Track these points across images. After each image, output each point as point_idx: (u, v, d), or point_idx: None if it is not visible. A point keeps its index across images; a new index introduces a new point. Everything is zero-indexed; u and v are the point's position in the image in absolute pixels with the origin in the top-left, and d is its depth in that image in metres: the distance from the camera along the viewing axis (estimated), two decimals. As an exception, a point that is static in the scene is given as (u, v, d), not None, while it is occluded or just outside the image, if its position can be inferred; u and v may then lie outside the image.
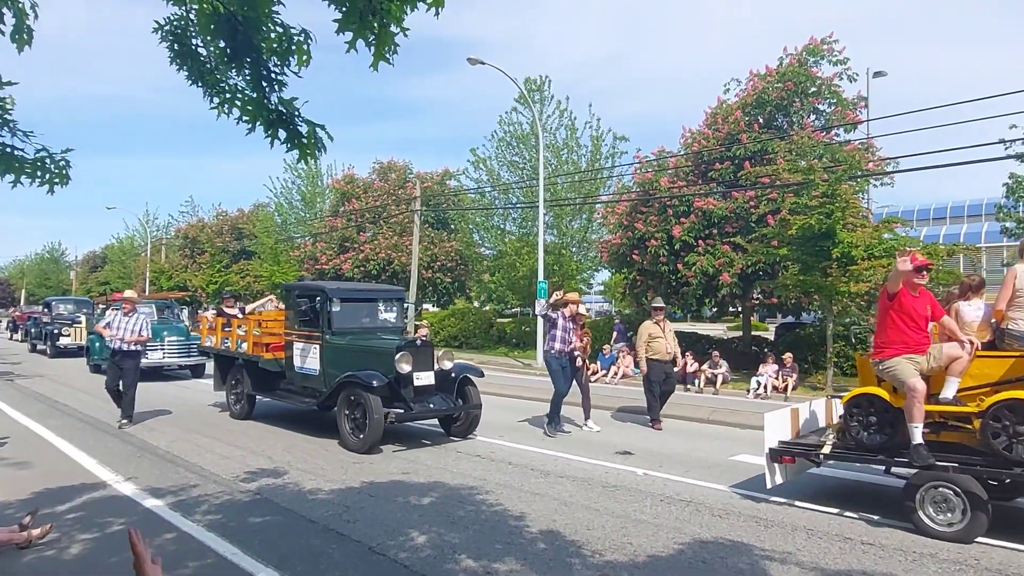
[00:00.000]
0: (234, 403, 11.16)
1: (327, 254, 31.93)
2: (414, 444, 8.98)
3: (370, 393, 8.31)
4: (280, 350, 10.45)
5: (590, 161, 27.28)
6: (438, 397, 9.13)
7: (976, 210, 49.45)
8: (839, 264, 14.26)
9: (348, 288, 10.72)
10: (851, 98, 18.74)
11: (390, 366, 8.65)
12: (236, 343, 11.19)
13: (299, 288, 10.63)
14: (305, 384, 9.99)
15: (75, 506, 6.00)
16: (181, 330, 17.59)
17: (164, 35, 3.65)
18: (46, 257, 70.12)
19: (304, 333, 9.85)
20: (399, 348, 8.82)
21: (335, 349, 9.42)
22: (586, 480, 7.19)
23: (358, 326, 9.95)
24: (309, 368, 9.75)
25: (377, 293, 11.01)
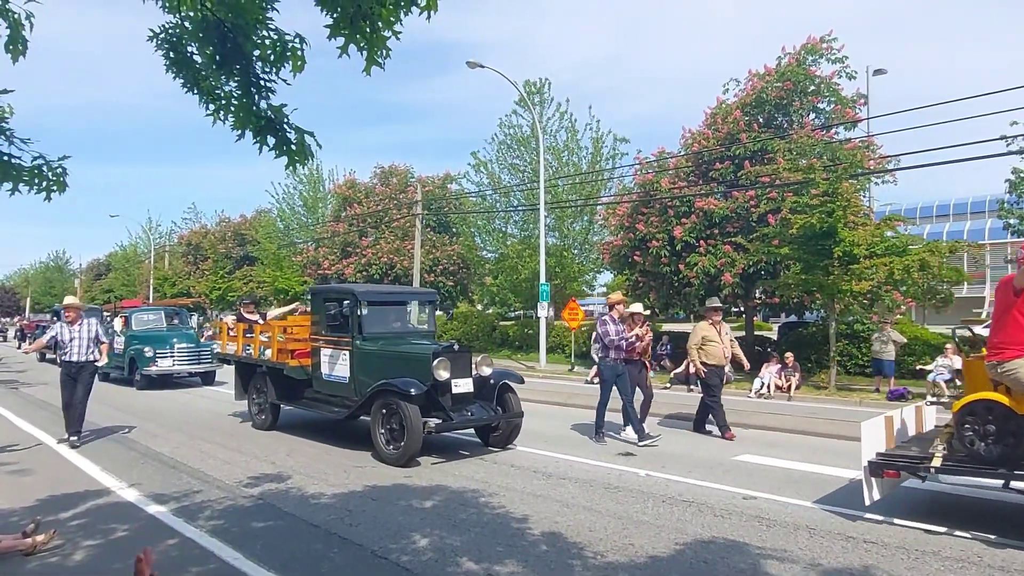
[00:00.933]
0: (256, 413, 10.65)
1: (329, 259, 32.01)
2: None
3: (407, 402, 7.82)
4: (306, 357, 9.95)
5: (591, 163, 27.29)
6: (477, 405, 8.58)
7: (979, 207, 49.38)
8: (841, 263, 14.25)
9: (378, 290, 10.16)
10: (850, 96, 18.74)
11: (426, 373, 8.14)
12: (259, 350, 10.61)
13: (326, 291, 10.08)
14: (333, 392, 9.48)
15: (79, 513, 6.01)
16: (191, 336, 17.45)
17: (159, 43, 3.67)
18: (50, 265, 70.35)
19: (332, 339, 9.34)
20: (436, 353, 8.30)
21: (366, 355, 8.94)
22: (588, 482, 7.18)
23: (389, 330, 9.49)
24: (338, 376, 9.25)
25: (408, 295, 10.59)
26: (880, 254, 14.24)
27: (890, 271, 13.71)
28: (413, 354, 8.63)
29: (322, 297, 9.73)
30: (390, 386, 8.09)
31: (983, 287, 42.22)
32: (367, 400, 8.45)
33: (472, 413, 8.49)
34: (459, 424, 8.41)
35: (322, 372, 9.52)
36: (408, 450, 7.76)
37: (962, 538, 5.37)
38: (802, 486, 7.05)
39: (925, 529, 5.57)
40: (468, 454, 8.60)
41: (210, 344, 17.80)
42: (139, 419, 11.46)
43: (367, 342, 9.01)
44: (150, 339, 16.48)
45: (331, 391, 9.52)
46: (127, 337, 17.06)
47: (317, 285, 11.86)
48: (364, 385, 8.70)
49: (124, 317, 18.36)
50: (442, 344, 8.85)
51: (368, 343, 9.01)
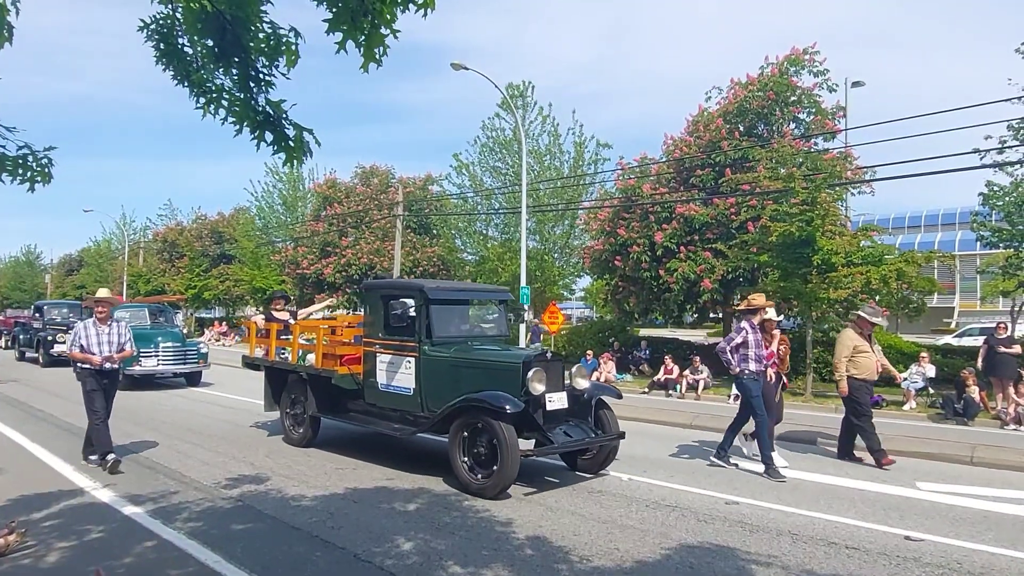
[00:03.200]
0: (292, 427, 9.27)
1: (308, 258, 31.74)
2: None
3: (502, 421, 6.60)
4: (356, 363, 8.62)
5: (573, 167, 27.37)
6: (573, 425, 7.36)
7: (950, 219, 50.39)
8: (819, 271, 14.43)
9: (449, 287, 8.93)
10: (830, 108, 19.01)
11: (515, 385, 6.93)
12: (298, 355, 9.39)
13: (386, 288, 8.75)
14: (392, 406, 8.17)
15: (52, 513, 5.87)
16: (176, 335, 16.67)
17: (149, 34, 3.60)
18: (21, 260, 68.84)
19: (393, 343, 8.05)
20: (528, 362, 7.07)
21: (436, 363, 7.65)
22: (571, 486, 7.17)
23: (460, 334, 8.32)
24: (399, 386, 7.95)
25: (481, 293, 9.39)
26: (857, 263, 14.45)
27: (867, 280, 13.91)
28: (499, 362, 7.36)
29: (379, 294, 8.42)
30: (477, 401, 6.83)
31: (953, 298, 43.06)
32: (444, 418, 7.22)
33: (571, 434, 7.21)
34: (561, 447, 7.13)
35: (377, 382, 8.22)
36: (502, 479, 6.51)
37: (943, 544, 5.44)
38: (782, 492, 7.11)
39: (906, 536, 5.64)
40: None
41: (196, 343, 17.06)
42: (114, 419, 11.19)
43: (438, 347, 7.74)
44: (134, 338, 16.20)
45: (389, 404, 8.21)
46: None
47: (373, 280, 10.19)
48: (435, 398, 7.56)
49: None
50: (533, 351, 7.74)
51: (439, 349, 7.73)
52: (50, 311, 23.19)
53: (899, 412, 13.35)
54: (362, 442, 9.21)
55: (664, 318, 23.79)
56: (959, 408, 12.40)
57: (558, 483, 7.29)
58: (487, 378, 7.16)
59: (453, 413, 7.09)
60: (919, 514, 6.35)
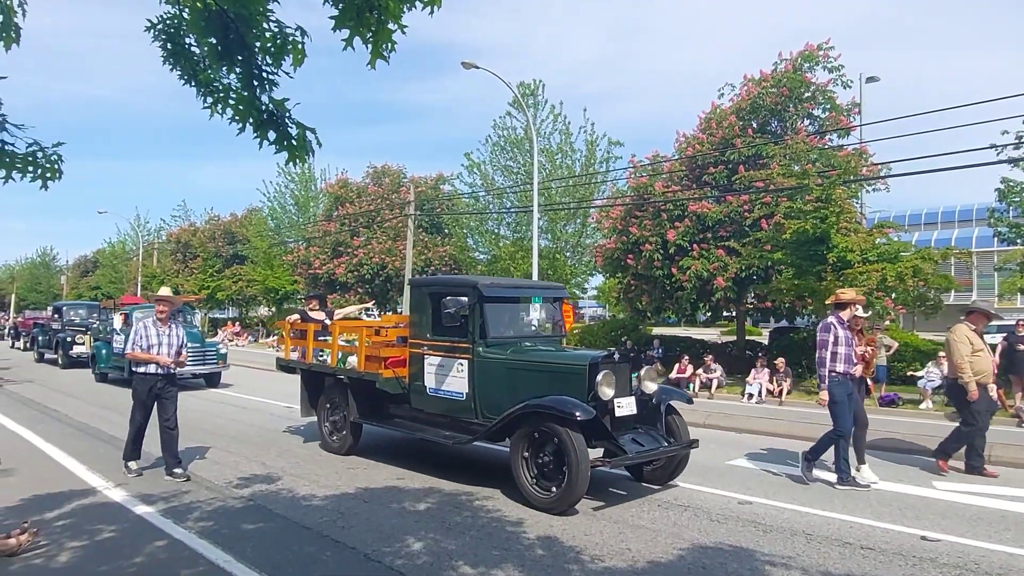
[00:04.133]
0: (331, 433, 8.81)
1: (320, 258, 31.86)
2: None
3: (570, 429, 6.05)
4: (401, 366, 8.09)
5: (584, 165, 27.28)
6: (642, 432, 6.82)
7: (967, 215, 49.81)
8: (834, 268, 14.29)
9: (505, 284, 8.35)
10: (845, 104, 18.82)
11: (580, 390, 6.41)
12: (338, 357, 8.80)
13: (435, 285, 8.15)
14: (442, 412, 7.64)
15: (64, 513, 5.90)
16: (195, 336, 16.27)
17: (157, 34, 3.60)
18: (37, 261, 69.58)
19: (443, 344, 7.52)
20: (595, 364, 6.51)
21: (492, 366, 7.10)
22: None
23: (515, 334, 7.78)
24: (450, 391, 7.41)
25: (535, 291, 8.70)
26: (873, 260, 14.29)
27: (883, 277, 13.76)
28: (563, 365, 6.85)
29: (427, 292, 7.89)
30: (542, 407, 6.29)
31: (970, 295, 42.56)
32: (504, 425, 6.69)
33: (643, 443, 6.66)
34: (636, 457, 6.55)
35: (425, 386, 7.69)
36: (571, 494, 5.99)
37: (960, 544, 5.35)
38: (796, 491, 7.03)
39: (922, 536, 5.55)
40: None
41: (215, 344, 16.96)
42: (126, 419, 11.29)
43: (493, 349, 7.20)
44: None
45: (439, 410, 7.68)
46: (127, 336, 16.45)
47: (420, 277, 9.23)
48: (490, 403, 7.04)
49: (124, 314, 17.16)
50: (600, 352, 6.99)
51: (494, 350, 7.19)
52: (69, 312, 23.04)
53: (916, 411, 13.19)
54: (372, 442, 9.19)
55: (677, 317, 23.67)
56: (977, 407, 12.21)
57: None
58: (549, 382, 6.64)
59: (514, 420, 6.56)
60: (936, 514, 6.25)
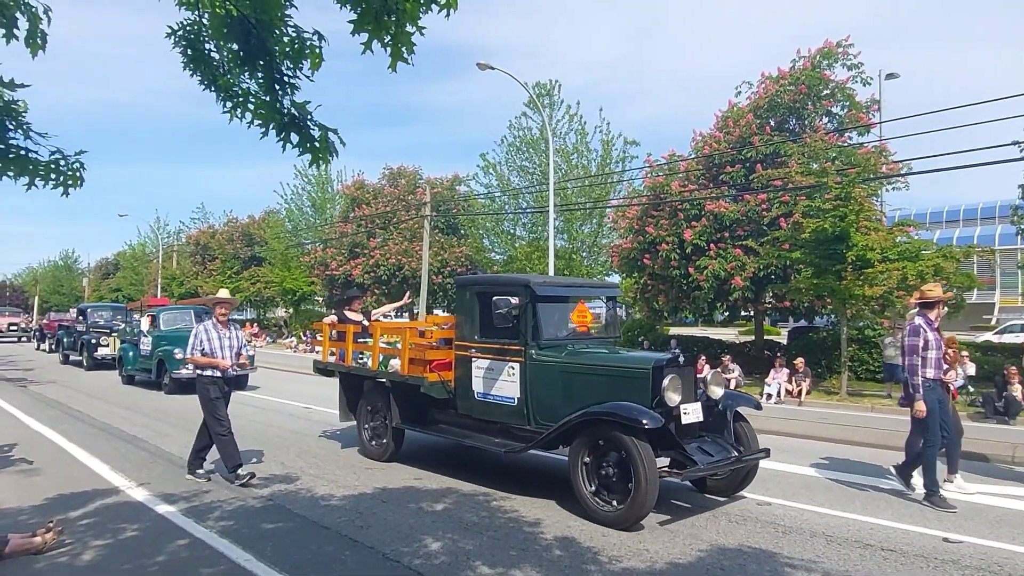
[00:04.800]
0: (372, 439, 8.42)
1: (337, 260, 32.04)
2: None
3: (637, 438, 5.65)
4: (446, 369, 7.68)
5: (600, 165, 27.24)
6: (709, 440, 6.40)
7: (989, 212, 49.14)
8: (854, 267, 14.14)
9: (557, 282, 7.83)
10: (864, 101, 18.63)
11: (643, 395, 6.01)
12: (380, 360, 8.37)
13: (484, 283, 7.73)
14: (490, 417, 7.23)
15: (88, 512, 5.98)
16: None
17: (177, 40, 3.65)
18: (59, 264, 70.64)
19: (492, 347, 7.11)
20: (658, 367, 6.12)
21: (546, 369, 6.69)
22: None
23: (567, 336, 7.42)
24: (500, 395, 7.01)
25: (588, 289, 8.29)
26: (893, 259, 14.13)
27: (904, 276, 13.60)
28: (624, 368, 6.41)
29: (474, 291, 7.46)
30: (606, 414, 5.90)
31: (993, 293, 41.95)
32: (561, 433, 6.29)
33: (712, 452, 6.21)
34: (706, 469, 6.07)
35: (473, 390, 7.29)
36: (638, 507, 5.58)
37: (983, 546, 5.28)
38: (816, 492, 6.98)
39: (944, 537, 5.49)
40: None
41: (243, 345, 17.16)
42: (150, 419, 11.46)
43: (546, 351, 6.80)
44: (180, 340, 14.38)
45: (487, 415, 7.27)
46: (154, 338, 16.01)
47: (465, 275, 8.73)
48: (544, 409, 6.67)
49: (151, 316, 17.15)
50: (664, 354, 6.69)
51: (548, 352, 6.78)
52: (93, 314, 22.97)
53: (937, 411, 13.02)
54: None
55: (694, 316, 23.54)
56: (1000, 407, 12.07)
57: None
58: (609, 386, 6.25)
59: (573, 428, 6.16)
60: (958, 515, 6.17)
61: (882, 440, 9.76)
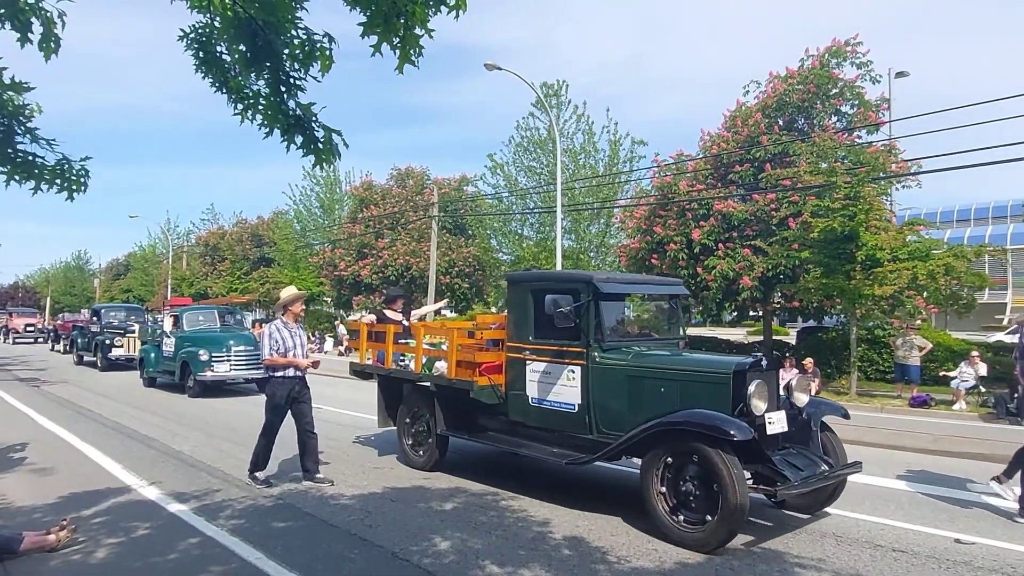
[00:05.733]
0: (415, 447, 7.94)
1: (346, 260, 32.14)
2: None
3: (722, 451, 5.08)
4: (496, 373, 7.18)
5: (608, 165, 27.21)
6: (795, 453, 5.83)
7: (1001, 211, 48.70)
8: (863, 267, 14.08)
9: (621, 279, 7.36)
10: (873, 100, 18.55)
11: (722, 402, 5.47)
12: (423, 362, 7.90)
13: (540, 280, 7.30)
14: (547, 425, 6.70)
15: (100, 511, 6.04)
16: (248, 338, 15.34)
17: (189, 43, 3.69)
18: (71, 265, 71.15)
19: (549, 348, 6.60)
20: (741, 372, 5.55)
21: (610, 373, 6.17)
22: (605, 486, 7.13)
23: (631, 337, 7.02)
24: (558, 402, 6.49)
25: (657, 286, 7.78)
26: (903, 258, 14.06)
27: (914, 275, 13.54)
28: (702, 372, 5.86)
29: (528, 288, 6.96)
30: (687, 424, 5.36)
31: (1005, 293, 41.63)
32: (632, 445, 5.79)
33: (801, 467, 5.62)
34: (802, 485, 5.44)
35: (528, 395, 6.78)
36: (724, 528, 5.01)
37: (995, 548, 5.26)
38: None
39: (956, 539, 5.46)
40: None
41: None
42: (160, 419, 11.54)
43: (610, 353, 6.27)
44: (204, 341, 14.73)
45: (542, 423, 6.74)
46: (178, 339, 15.35)
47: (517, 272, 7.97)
48: (609, 417, 6.17)
49: (174, 316, 16.39)
50: (745, 357, 5.88)
51: (613, 355, 6.25)
52: (107, 315, 22.82)
53: (948, 412, 12.96)
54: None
55: (702, 317, 23.44)
56: (1012, 407, 11.99)
57: (595, 483, 7.25)
58: (683, 392, 5.73)
59: (647, 439, 5.61)
60: (970, 516, 6.15)
61: (890, 440, 9.73)
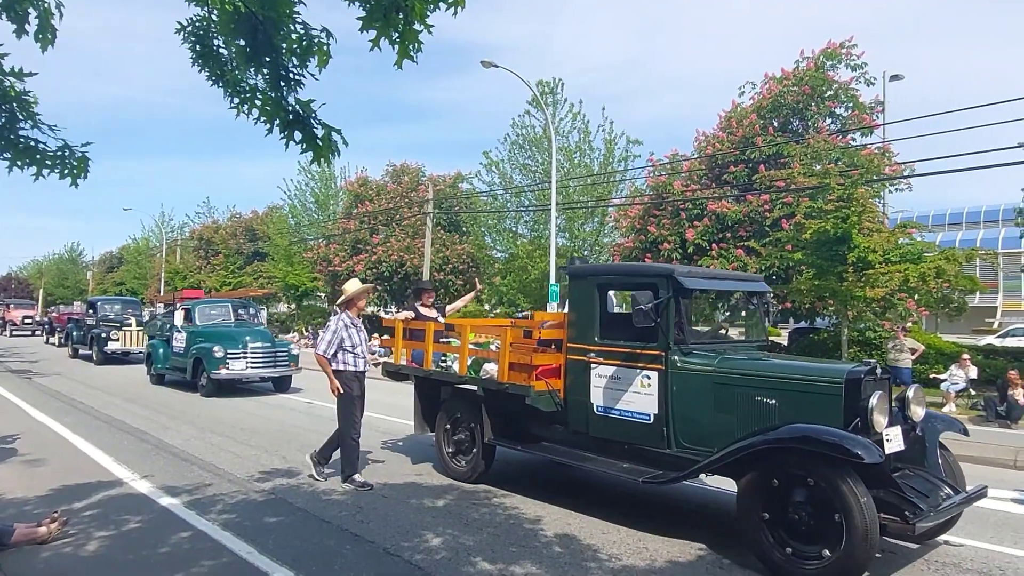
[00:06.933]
0: (455, 456, 7.24)
1: (340, 256, 32.10)
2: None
3: (847, 476, 4.37)
4: (554, 377, 6.46)
5: (603, 164, 27.25)
6: (912, 475, 5.07)
7: (993, 215, 48.98)
8: (855, 269, 14.15)
9: (704, 274, 6.69)
10: (868, 102, 18.64)
11: (832, 415, 4.76)
12: (470, 364, 6.99)
13: (608, 273, 6.76)
14: (614, 436, 5.98)
15: (92, 503, 6.03)
16: (265, 335, 14.69)
17: (186, 36, 3.68)
18: (64, 257, 70.77)
19: (619, 350, 5.94)
20: (856, 380, 4.83)
21: (694, 379, 5.49)
22: (596, 485, 7.14)
23: (712, 338, 6.51)
24: (630, 411, 5.81)
25: (735, 282, 6.90)
26: (895, 261, 14.14)
27: (905, 278, 13.61)
28: (807, 380, 5.10)
29: (594, 283, 6.27)
30: (801, 441, 4.60)
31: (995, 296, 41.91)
32: (724, 464, 5.06)
33: (921, 489, 4.86)
34: (938, 515, 4.70)
35: (592, 403, 6.09)
36: (853, 566, 4.34)
37: (984, 550, 5.30)
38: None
39: (945, 540, 5.48)
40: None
41: (287, 344, 15.08)
42: (152, 412, 11.51)
43: (695, 357, 5.60)
44: (219, 336, 13.84)
45: (611, 434, 6.01)
46: (189, 334, 14.45)
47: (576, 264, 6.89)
48: (692, 430, 5.49)
49: (185, 310, 15.41)
50: (856, 364, 5.16)
51: (698, 359, 5.57)
52: (103, 307, 22.45)
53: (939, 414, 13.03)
54: (390, 438, 9.26)
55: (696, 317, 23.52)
56: (1002, 410, 12.07)
57: (587, 482, 7.27)
58: (783, 403, 5.04)
59: (747, 458, 4.85)
60: (960, 518, 6.18)
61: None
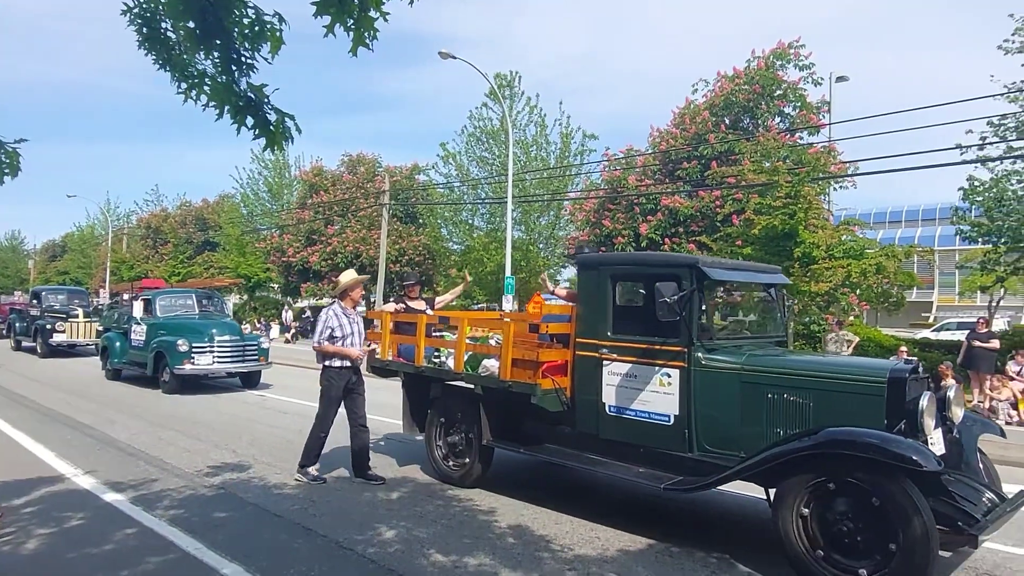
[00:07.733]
0: (447, 457, 6.84)
1: (294, 246, 31.60)
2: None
3: (903, 484, 4.03)
4: (560, 374, 6.04)
5: (559, 158, 27.38)
6: (953, 480, 4.64)
7: (930, 214, 50.92)
8: (801, 264, 14.57)
9: (727, 265, 6.20)
10: (815, 102, 19.16)
11: (873, 417, 4.45)
12: (466, 359, 6.52)
13: (624, 263, 6.40)
14: (628, 439, 5.56)
15: (32, 500, 5.84)
16: (233, 327, 13.99)
17: (132, 18, 3.56)
18: (4, 246, 67.87)
19: (635, 346, 5.54)
20: (898, 379, 4.53)
21: (719, 377, 5.13)
22: (555, 479, 7.22)
23: (734, 333, 6.23)
24: (647, 411, 5.42)
25: (756, 274, 6.46)
26: (838, 257, 14.61)
27: (848, 273, 14.07)
28: (846, 379, 4.73)
29: (607, 273, 5.83)
30: (846, 445, 4.23)
31: (932, 292, 43.58)
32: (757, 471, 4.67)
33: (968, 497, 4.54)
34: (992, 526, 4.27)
35: (604, 403, 5.69)
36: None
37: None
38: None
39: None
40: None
41: (257, 338, 14.45)
42: (96, 405, 11.17)
43: (719, 354, 5.26)
44: (183, 329, 13.13)
45: (625, 436, 5.58)
46: (150, 326, 13.58)
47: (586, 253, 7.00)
48: (717, 432, 5.13)
49: (145, 300, 14.47)
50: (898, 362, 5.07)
51: (723, 356, 5.23)
52: (48, 298, 21.54)
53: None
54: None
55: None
56: (936, 401, 12.58)
57: (538, 474, 7.34)
58: (819, 404, 4.70)
59: (786, 463, 4.45)
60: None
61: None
